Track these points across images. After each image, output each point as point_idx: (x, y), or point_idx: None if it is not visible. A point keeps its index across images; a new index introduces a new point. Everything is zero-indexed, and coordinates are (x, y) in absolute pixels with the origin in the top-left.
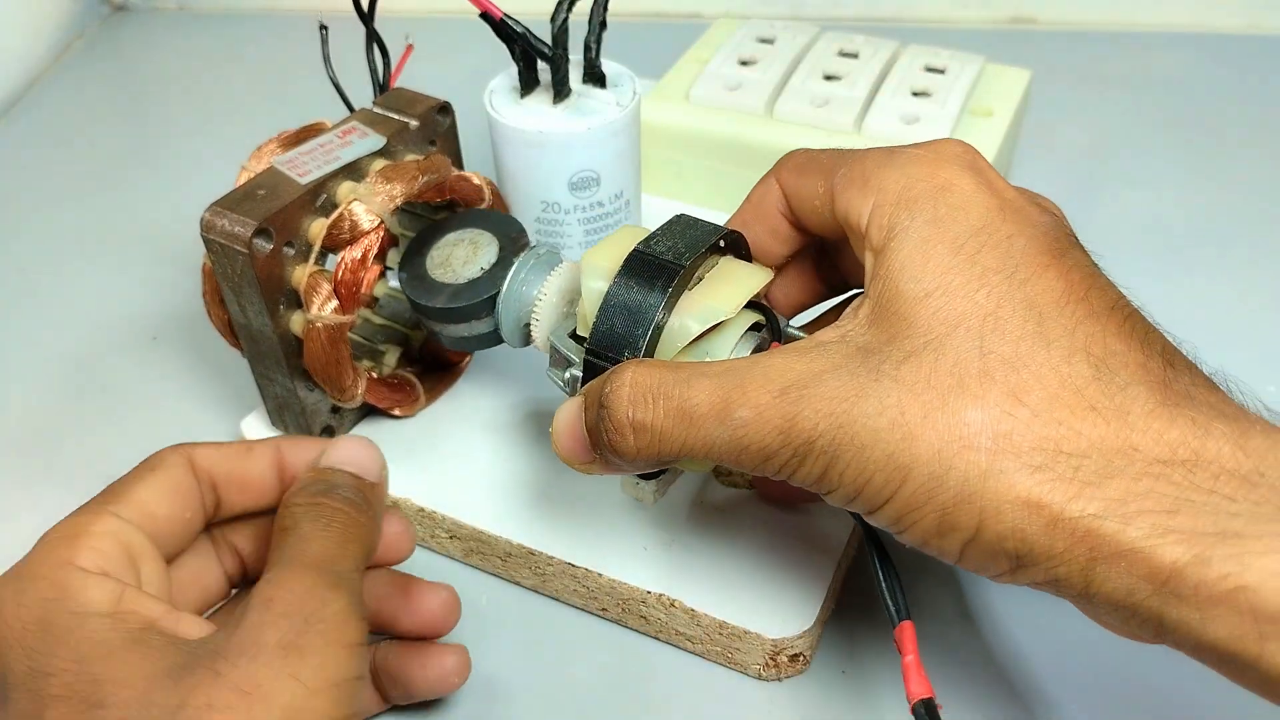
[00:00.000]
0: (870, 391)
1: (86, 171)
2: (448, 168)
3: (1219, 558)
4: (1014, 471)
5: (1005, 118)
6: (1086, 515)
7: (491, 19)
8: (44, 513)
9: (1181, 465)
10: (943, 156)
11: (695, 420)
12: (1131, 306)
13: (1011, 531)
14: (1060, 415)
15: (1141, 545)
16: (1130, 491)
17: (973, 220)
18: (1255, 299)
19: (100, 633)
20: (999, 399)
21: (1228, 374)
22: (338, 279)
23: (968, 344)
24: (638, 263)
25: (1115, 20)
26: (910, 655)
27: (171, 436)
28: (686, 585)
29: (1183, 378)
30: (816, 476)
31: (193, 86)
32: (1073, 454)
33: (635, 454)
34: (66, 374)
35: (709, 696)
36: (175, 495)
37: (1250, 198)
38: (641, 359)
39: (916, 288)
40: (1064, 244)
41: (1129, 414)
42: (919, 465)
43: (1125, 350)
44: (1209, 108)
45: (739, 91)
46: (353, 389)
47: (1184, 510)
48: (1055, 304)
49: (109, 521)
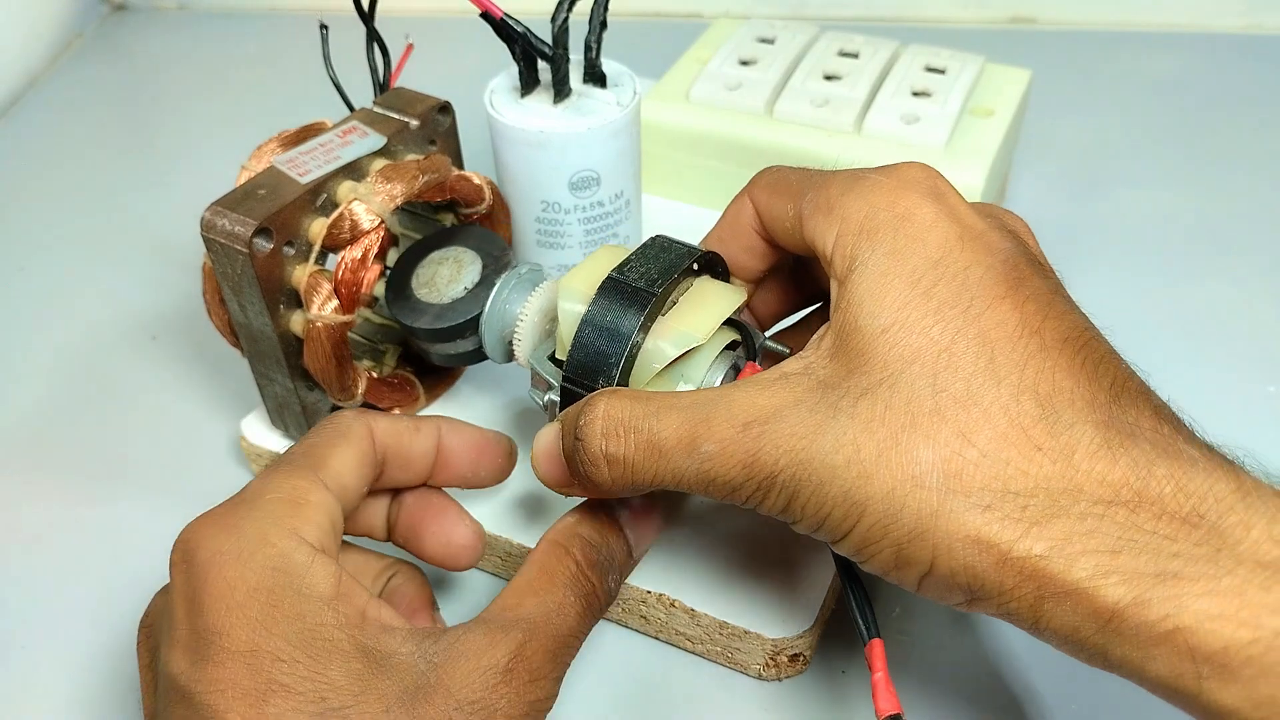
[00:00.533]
0: (828, 428)
1: (86, 171)
2: (448, 167)
3: (1158, 599)
4: (963, 511)
5: (1005, 118)
6: (1033, 555)
7: (492, 19)
8: (44, 512)
9: (1124, 506)
10: (904, 183)
11: (664, 453)
12: (1087, 335)
13: (963, 568)
14: (1008, 455)
15: (1085, 585)
16: (1074, 531)
17: (930, 251)
18: (1254, 298)
19: (327, 627)
20: (949, 438)
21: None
22: (338, 279)
23: (921, 381)
24: (611, 290)
25: (1115, 20)
26: (879, 673)
27: (171, 436)
28: (686, 585)
29: (1128, 413)
30: (781, 508)
31: (193, 86)
32: (1019, 493)
33: (610, 484)
34: (66, 374)
35: (709, 696)
36: (361, 467)
37: (1249, 197)
38: (615, 389)
39: (874, 323)
40: (1022, 271)
41: (1073, 454)
42: (874, 503)
43: (1073, 386)
44: (1208, 108)
45: (739, 91)
46: (353, 389)
47: (1126, 550)
48: (1008, 338)
49: (322, 493)
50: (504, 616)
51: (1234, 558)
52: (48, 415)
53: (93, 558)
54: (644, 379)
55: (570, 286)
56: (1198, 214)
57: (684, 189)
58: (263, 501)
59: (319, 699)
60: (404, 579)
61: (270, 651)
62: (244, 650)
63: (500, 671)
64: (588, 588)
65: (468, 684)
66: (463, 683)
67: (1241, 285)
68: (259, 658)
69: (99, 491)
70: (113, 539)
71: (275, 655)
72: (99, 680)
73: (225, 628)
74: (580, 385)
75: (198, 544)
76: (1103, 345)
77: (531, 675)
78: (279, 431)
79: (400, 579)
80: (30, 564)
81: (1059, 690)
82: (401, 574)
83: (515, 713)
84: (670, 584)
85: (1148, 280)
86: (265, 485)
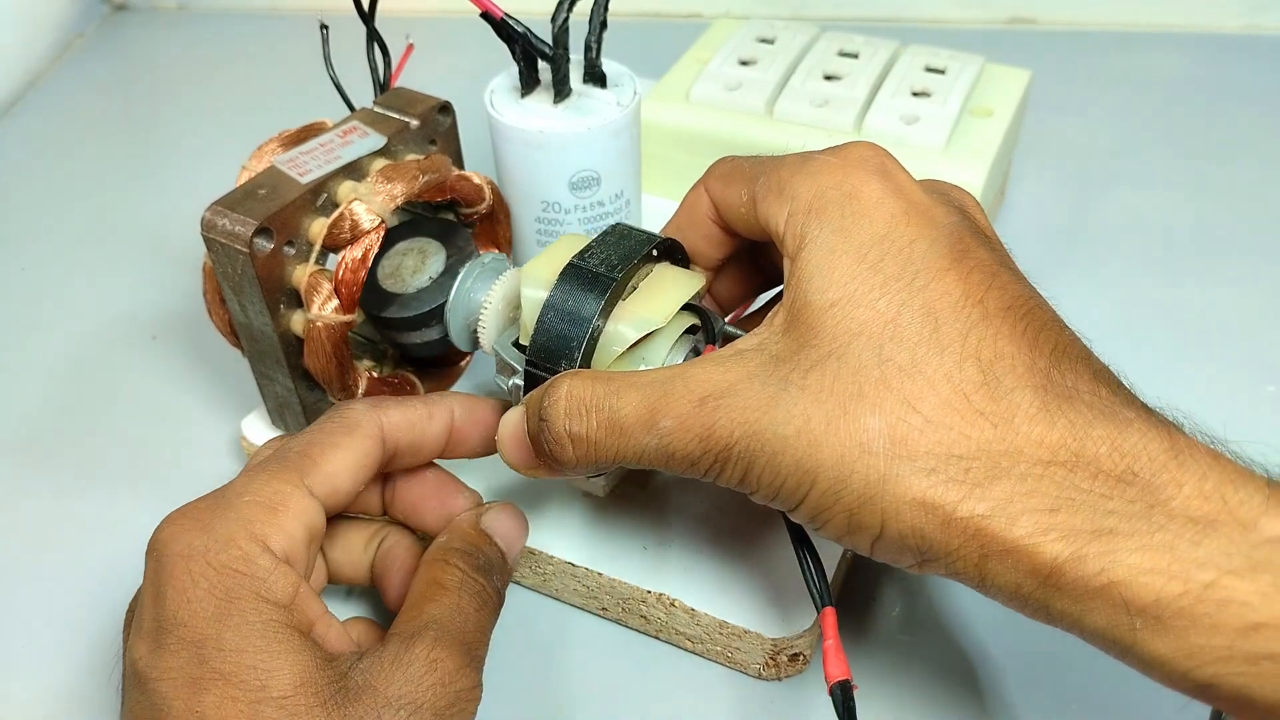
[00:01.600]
0: (779, 401)
1: (87, 171)
2: (448, 167)
3: (1094, 554)
4: (909, 475)
5: (1005, 118)
6: (976, 515)
7: (492, 19)
8: (44, 511)
9: (1061, 466)
10: (850, 162)
11: (625, 430)
12: (1030, 303)
13: (911, 530)
14: (951, 420)
15: (1025, 543)
16: (1015, 492)
17: (877, 227)
18: (1254, 298)
19: (276, 624)
20: (895, 406)
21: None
22: (338, 278)
23: (868, 352)
24: (572, 276)
25: (1115, 20)
26: (830, 640)
27: (171, 436)
28: (686, 585)
29: (1068, 377)
30: (738, 480)
31: (193, 86)
32: (962, 457)
33: (575, 462)
34: (67, 373)
35: (709, 696)
36: (362, 469)
37: (1249, 197)
38: (577, 370)
39: (822, 298)
40: (967, 243)
41: (1014, 418)
42: (824, 470)
43: (1014, 352)
44: (1208, 108)
45: (739, 91)
46: (353, 389)
47: (1063, 509)
48: (951, 308)
49: (303, 501)
50: (411, 626)
51: (1165, 513)
52: (48, 415)
53: (92, 557)
54: (605, 362)
55: (532, 274)
56: (1197, 214)
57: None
58: (240, 503)
59: (259, 687)
60: (393, 541)
61: (217, 643)
62: (194, 640)
63: (421, 670)
64: (477, 588)
65: (393, 684)
66: (388, 683)
67: (1241, 285)
68: (205, 648)
69: (99, 491)
70: (113, 538)
71: (220, 646)
72: (101, 676)
73: (182, 619)
74: (543, 369)
75: (169, 538)
76: (1045, 313)
77: (449, 670)
78: (279, 431)
79: (390, 541)
80: (30, 563)
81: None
82: (391, 537)
83: (440, 704)
84: (670, 584)
85: (1147, 279)
86: (248, 485)
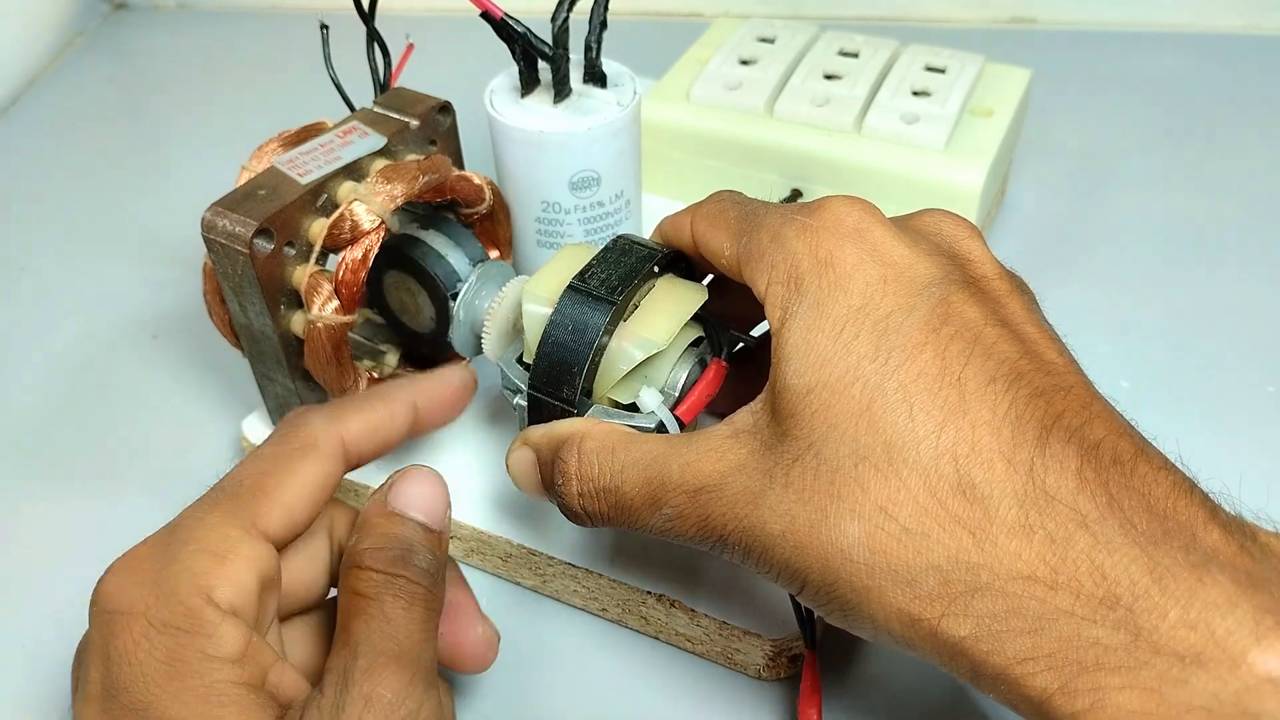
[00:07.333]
0: (765, 497)
1: (86, 171)
2: (448, 167)
3: (1082, 690)
4: (889, 588)
5: (1005, 118)
6: (959, 637)
7: (492, 19)
8: (43, 512)
9: (1041, 584)
10: (826, 226)
11: (632, 511)
12: (1019, 366)
13: (902, 640)
14: (927, 527)
15: (1014, 672)
16: (995, 610)
17: (853, 299)
18: (1254, 298)
19: (224, 684)
20: (871, 513)
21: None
22: (338, 279)
23: (845, 448)
24: (573, 299)
25: (1115, 20)
26: (805, 683)
27: (171, 436)
28: (686, 585)
29: (1051, 471)
30: (739, 562)
31: (193, 86)
32: (939, 567)
33: (591, 526)
34: (66, 373)
35: (709, 696)
36: (322, 491)
37: (1250, 197)
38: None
39: (799, 382)
40: (950, 304)
41: (990, 526)
42: (812, 574)
43: (992, 445)
44: (1208, 107)
45: (739, 91)
46: (353, 389)
47: (1045, 632)
48: (927, 391)
49: (254, 547)
50: (342, 659)
51: (1151, 647)
52: (48, 415)
53: (92, 557)
54: (608, 385)
55: (533, 290)
56: (1197, 214)
57: (684, 189)
58: (185, 552)
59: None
60: None
61: (159, 711)
62: (138, 708)
63: (358, 710)
64: (399, 586)
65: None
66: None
67: (1241, 285)
68: (148, 717)
69: (99, 491)
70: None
71: (161, 715)
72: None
73: (125, 684)
74: (546, 394)
75: (110, 594)
76: (1034, 379)
77: (387, 702)
78: None
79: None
80: (30, 563)
81: None
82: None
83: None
84: (670, 584)
85: (1147, 279)
86: (194, 530)
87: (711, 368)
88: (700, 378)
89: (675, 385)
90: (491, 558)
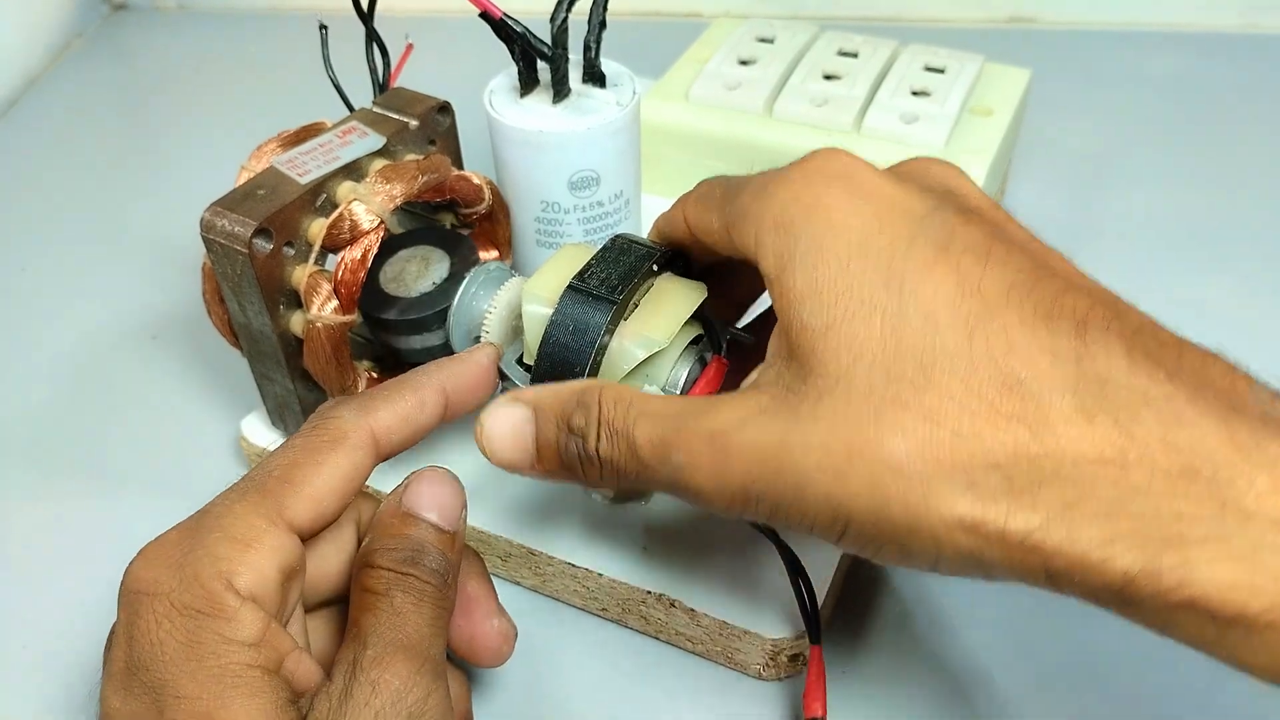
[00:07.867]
0: (793, 434)
1: (86, 171)
2: (447, 167)
3: (1168, 567)
4: (949, 494)
5: (1005, 117)
6: (1031, 530)
7: (491, 19)
8: (44, 511)
9: (1111, 465)
10: (809, 174)
11: (641, 459)
12: (1034, 274)
13: (969, 551)
14: (979, 429)
15: (1092, 558)
16: (1066, 498)
17: (851, 235)
18: (1255, 298)
19: (239, 665)
20: (917, 424)
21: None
22: (338, 279)
23: (876, 373)
24: (573, 300)
25: (1115, 20)
26: (812, 677)
27: (171, 436)
28: (686, 585)
29: (1098, 358)
30: (766, 517)
31: (193, 86)
32: (999, 465)
33: (597, 482)
34: (66, 373)
35: (709, 696)
36: (351, 483)
37: (1250, 196)
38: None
39: (816, 321)
40: (950, 226)
41: (1047, 418)
42: (858, 501)
43: (1029, 342)
44: (1208, 107)
45: (739, 91)
46: (353, 389)
47: (1122, 512)
48: (949, 306)
49: (278, 537)
50: (351, 650)
51: (1239, 515)
52: (48, 415)
53: (92, 557)
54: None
55: (533, 290)
56: (1198, 213)
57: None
58: (210, 539)
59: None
60: None
61: (174, 689)
62: (155, 685)
63: (365, 697)
64: (409, 583)
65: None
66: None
67: (1241, 284)
68: (164, 695)
69: (99, 491)
70: (112, 539)
71: (176, 693)
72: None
73: (146, 662)
74: None
75: (137, 576)
76: (1054, 280)
77: (395, 689)
78: (279, 431)
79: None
80: (30, 563)
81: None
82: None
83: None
84: (670, 584)
85: (1147, 279)
86: (220, 518)
87: (712, 365)
88: (701, 375)
89: (676, 383)
90: (491, 557)
